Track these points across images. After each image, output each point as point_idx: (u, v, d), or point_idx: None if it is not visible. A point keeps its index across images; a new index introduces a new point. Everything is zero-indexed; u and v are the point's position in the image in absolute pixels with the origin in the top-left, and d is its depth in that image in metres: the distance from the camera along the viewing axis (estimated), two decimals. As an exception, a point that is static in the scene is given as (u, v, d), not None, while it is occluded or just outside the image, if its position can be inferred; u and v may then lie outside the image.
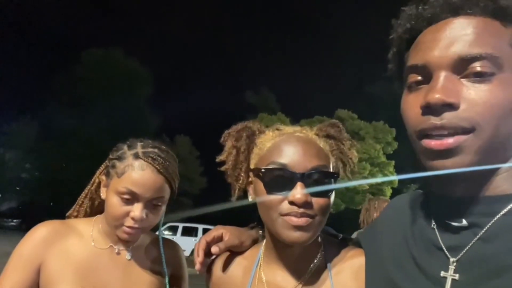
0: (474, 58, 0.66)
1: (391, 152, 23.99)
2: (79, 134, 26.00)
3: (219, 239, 1.05)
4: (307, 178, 0.88)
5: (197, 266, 1.02)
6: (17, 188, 30.98)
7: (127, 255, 1.23)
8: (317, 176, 0.90)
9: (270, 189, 0.90)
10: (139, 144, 1.20)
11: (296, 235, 0.87)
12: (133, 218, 1.14)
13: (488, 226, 0.69)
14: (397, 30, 0.82)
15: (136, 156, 1.17)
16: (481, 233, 0.69)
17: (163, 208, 1.23)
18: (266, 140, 0.98)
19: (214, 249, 1.01)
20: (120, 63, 30.08)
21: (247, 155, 1.01)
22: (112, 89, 28.36)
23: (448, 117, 0.66)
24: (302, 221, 0.87)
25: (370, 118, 25.16)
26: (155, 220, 1.22)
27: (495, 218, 0.69)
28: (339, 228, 1.20)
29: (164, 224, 1.41)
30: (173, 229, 17.07)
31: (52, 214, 1.32)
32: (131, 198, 1.14)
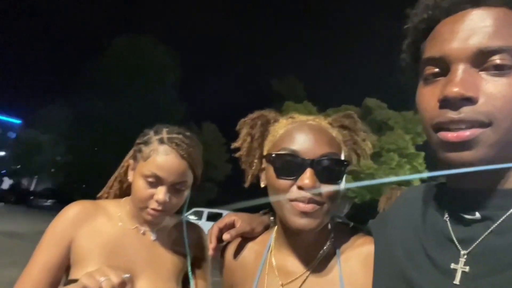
0: (494, 51, 0.65)
1: (421, 143, 23.28)
2: (109, 119, 26.72)
3: (231, 225, 1.09)
4: (317, 165, 0.89)
5: (210, 252, 1.06)
6: (52, 170, 32.38)
7: (152, 235, 1.28)
8: (327, 163, 0.91)
9: (280, 174, 0.91)
10: (164, 130, 1.25)
11: (302, 222, 0.89)
12: (156, 201, 1.19)
13: (501, 219, 0.68)
14: (413, 20, 0.80)
15: (161, 141, 1.22)
16: (494, 226, 0.69)
17: (186, 192, 1.27)
18: (279, 127, 1.00)
19: (226, 236, 1.05)
20: (149, 50, 30.48)
21: (260, 142, 1.04)
22: (141, 76, 28.85)
23: (466, 111, 0.65)
24: (309, 207, 0.88)
25: (399, 108, 24.47)
26: (178, 204, 1.26)
27: (509, 211, 0.68)
28: (363, 218, 1.20)
29: (189, 209, 1.45)
30: (199, 214, 17.41)
31: (84, 195, 1.38)
32: (155, 181, 1.19)
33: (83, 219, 1.23)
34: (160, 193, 1.19)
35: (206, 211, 17.72)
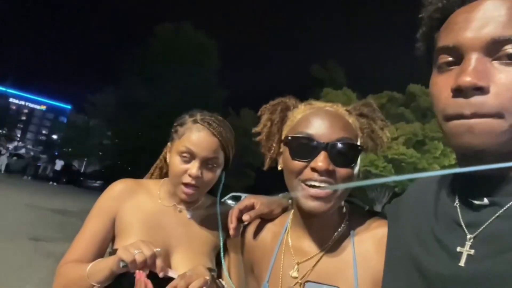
0: (508, 40, 0.65)
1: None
2: (153, 105, 27.52)
3: (251, 207, 1.14)
4: (331, 148, 0.92)
5: (231, 232, 1.11)
6: (100, 153, 34.07)
7: (187, 213, 1.38)
8: (341, 147, 0.93)
9: (294, 156, 0.95)
10: (198, 113, 1.36)
11: (314, 204, 0.92)
12: (190, 175, 1.28)
13: (508, 205, 0.70)
14: (427, 8, 0.80)
15: (195, 121, 1.34)
16: (501, 211, 0.70)
17: (218, 171, 1.36)
18: (298, 113, 1.03)
19: (246, 217, 1.10)
20: (190, 36, 30.92)
21: (279, 126, 1.07)
22: (183, 62, 29.40)
23: (477, 104, 0.66)
24: (321, 192, 0.91)
25: (446, 94, 23.16)
26: (211, 181, 1.34)
27: None
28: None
29: (228, 193, 1.50)
30: (237, 199, 17.79)
31: (130, 177, 1.47)
32: (189, 156, 1.29)
33: (126, 195, 1.34)
34: (193, 167, 1.28)
35: (244, 196, 18.05)
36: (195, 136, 1.31)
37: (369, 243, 0.99)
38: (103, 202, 1.34)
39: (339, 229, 1.02)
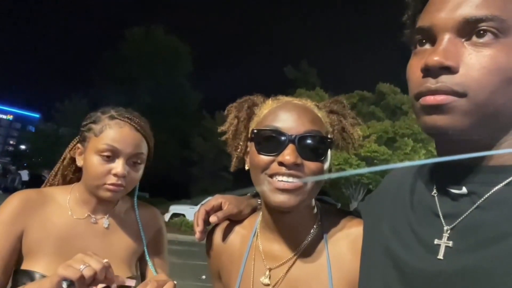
0: (480, 20, 0.65)
1: (437, 127, 22.73)
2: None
3: (218, 208, 1.07)
4: (300, 141, 0.88)
5: (197, 235, 1.03)
6: (71, 162, 32.90)
7: (104, 223, 1.26)
8: (309, 140, 0.89)
9: (260, 150, 0.91)
10: (112, 109, 1.25)
11: (281, 198, 0.87)
12: (115, 175, 1.17)
13: (487, 195, 0.68)
14: None
15: (112, 117, 1.22)
16: (480, 201, 0.69)
17: (142, 167, 1.26)
18: (265, 108, 0.99)
19: (213, 218, 1.03)
20: (161, 40, 30.56)
21: (246, 123, 1.03)
22: (154, 66, 29.02)
23: (443, 81, 0.66)
24: (289, 185, 0.87)
25: (414, 92, 23.92)
26: (136, 178, 1.25)
27: (496, 187, 0.68)
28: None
29: (204, 197, 1.46)
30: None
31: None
32: (112, 155, 1.18)
33: (31, 209, 1.18)
34: (119, 166, 1.18)
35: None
36: (117, 132, 1.19)
37: (343, 243, 0.95)
38: (4, 218, 1.15)
39: (312, 231, 0.97)
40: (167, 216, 16.28)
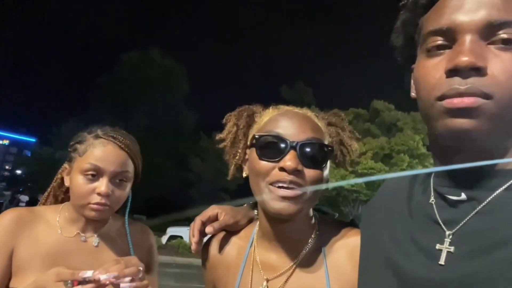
0: (503, 24, 0.65)
1: (432, 143, 22.81)
2: (121, 133, 26.96)
3: (214, 218, 1.06)
4: (300, 148, 0.88)
5: (193, 246, 1.02)
6: (68, 186, 32.57)
7: (94, 241, 1.25)
8: (310, 147, 0.89)
9: (262, 156, 0.90)
10: (98, 129, 1.26)
11: (281, 205, 0.87)
12: (99, 194, 1.16)
13: (487, 200, 0.68)
14: None
15: (97, 137, 1.23)
16: (480, 207, 0.68)
17: (129, 186, 1.25)
18: (265, 115, 1.00)
19: (209, 229, 1.02)
20: (157, 63, 30.91)
21: (246, 131, 1.03)
22: (151, 89, 29.25)
23: (472, 82, 0.65)
24: (290, 193, 0.86)
25: (408, 109, 24.24)
26: (122, 197, 1.24)
27: (495, 192, 0.68)
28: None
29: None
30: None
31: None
32: (96, 174, 1.18)
33: (21, 227, 1.19)
34: (102, 185, 1.17)
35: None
36: (101, 151, 1.19)
37: (341, 254, 0.95)
38: None
39: (309, 241, 0.97)
40: (164, 238, 16.07)
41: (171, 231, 16.98)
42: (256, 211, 1.11)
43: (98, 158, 1.19)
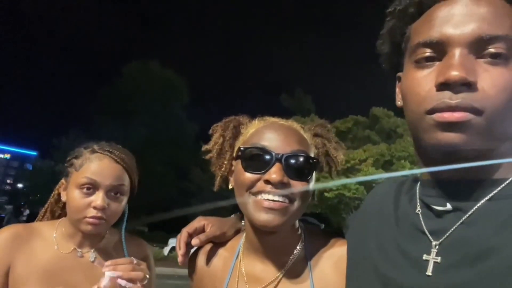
0: (493, 39, 0.65)
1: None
2: (122, 144, 26.96)
3: (201, 230, 1.06)
4: (286, 160, 0.88)
5: (179, 259, 1.02)
6: (69, 199, 32.50)
7: (90, 256, 1.25)
8: (296, 160, 0.89)
9: (247, 168, 0.91)
10: (94, 145, 1.28)
11: (266, 217, 0.87)
12: (95, 207, 1.17)
13: (472, 210, 0.68)
14: (400, 2, 0.78)
15: (93, 151, 1.24)
16: (465, 217, 0.69)
17: (125, 200, 1.26)
18: (251, 127, 1.00)
19: (195, 241, 1.02)
20: (157, 74, 31.09)
21: (232, 142, 1.03)
22: (151, 100, 29.37)
23: (463, 97, 0.65)
24: (275, 204, 0.86)
25: (408, 115, 24.16)
26: (118, 211, 1.24)
27: (480, 203, 0.68)
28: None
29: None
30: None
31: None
32: (92, 187, 1.19)
33: (18, 244, 1.19)
34: (98, 199, 1.17)
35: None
36: (96, 165, 1.20)
37: (326, 264, 0.95)
38: None
39: (295, 252, 0.97)
40: (166, 250, 15.96)
41: (173, 242, 16.87)
42: (243, 222, 1.10)
43: (94, 172, 1.20)
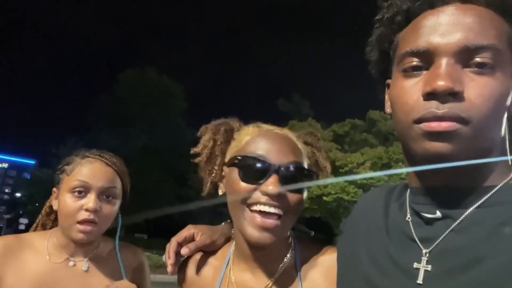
0: (480, 49, 0.65)
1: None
2: (121, 152, 26.90)
3: (191, 239, 1.04)
4: (283, 172, 0.88)
5: (169, 268, 0.99)
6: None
7: (83, 266, 1.22)
8: (293, 171, 0.89)
9: (243, 178, 0.89)
10: (85, 151, 1.28)
11: (260, 235, 0.86)
12: (87, 209, 1.15)
13: (461, 218, 0.68)
14: (388, 10, 0.78)
15: (84, 156, 1.24)
16: (454, 225, 0.69)
17: (117, 204, 1.24)
18: (245, 134, 0.98)
19: (184, 250, 0.99)
20: (154, 81, 31.19)
21: (223, 148, 1.01)
22: (149, 107, 29.47)
23: (450, 107, 0.65)
24: (271, 223, 0.86)
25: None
26: (110, 215, 1.22)
27: (469, 210, 0.68)
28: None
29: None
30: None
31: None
32: (84, 190, 1.17)
33: (7, 256, 1.16)
34: (90, 201, 1.16)
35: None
36: (88, 168, 1.20)
37: (316, 272, 0.94)
38: None
39: (285, 260, 0.96)
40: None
41: (173, 249, 16.76)
42: (233, 229, 1.07)
43: (86, 175, 1.19)
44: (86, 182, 1.18)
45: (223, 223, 1.14)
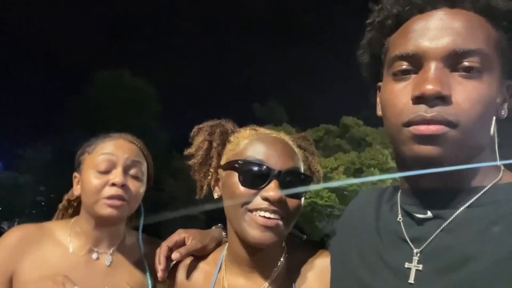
0: (467, 53, 0.66)
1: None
2: (91, 155, 26.31)
3: (181, 243, 1.02)
4: (283, 177, 0.88)
5: (159, 274, 0.97)
6: (33, 212, 31.26)
7: (106, 260, 1.15)
8: (293, 177, 0.90)
9: (244, 182, 0.88)
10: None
11: (262, 235, 0.86)
12: (114, 184, 1.08)
13: (451, 218, 0.70)
14: (379, 14, 0.79)
15: (105, 137, 1.19)
16: (444, 224, 0.70)
17: (144, 184, 1.18)
18: (243, 137, 0.97)
19: (175, 255, 0.98)
20: (128, 83, 30.62)
21: (220, 150, 0.99)
22: (122, 109, 28.86)
23: (438, 110, 0.66)
24: (272, 222, 0.86)
25: (376, 124, 24.97)
26: (138, 194, 1.15)
27: (459, 210, 0.70)
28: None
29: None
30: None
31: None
32: (108, 165, 1.10)
33: (26, 246, 1.09)
34: (117, 175, 1.09)
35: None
36: (112, 143, 1.14)
37: (310, 276, 0.94)
38: None
39: (278, 264, 0.96)
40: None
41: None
42: (224, 233, 1.07)
43: (111, 149, 1.13)
44: (111, 155, 1.11)
45: (213, 227, 1.12)
